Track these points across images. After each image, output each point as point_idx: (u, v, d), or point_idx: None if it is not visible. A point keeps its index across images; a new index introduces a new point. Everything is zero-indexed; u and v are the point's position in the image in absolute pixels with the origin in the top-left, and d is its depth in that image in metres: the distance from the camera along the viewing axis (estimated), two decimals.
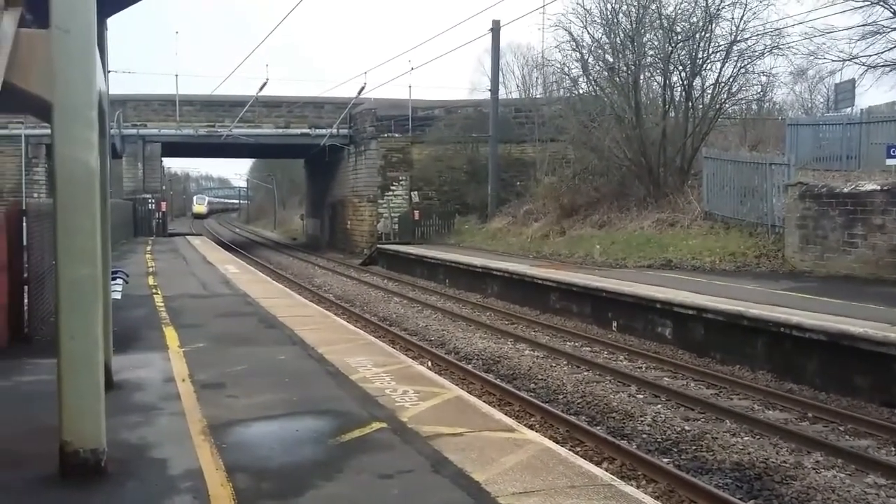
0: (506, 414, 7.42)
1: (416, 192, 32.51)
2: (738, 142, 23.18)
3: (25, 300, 9.13)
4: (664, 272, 17.08)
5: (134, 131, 34.12)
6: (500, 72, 30.20)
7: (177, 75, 71.85)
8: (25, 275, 9.16)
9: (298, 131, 35.31)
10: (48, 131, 4.87)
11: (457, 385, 8.55)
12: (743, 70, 21.35)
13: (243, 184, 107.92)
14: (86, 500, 4.36)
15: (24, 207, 9.33)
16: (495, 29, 28.81)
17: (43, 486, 4.53)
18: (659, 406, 9.24)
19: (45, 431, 5.21)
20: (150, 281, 16.22)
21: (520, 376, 11.00)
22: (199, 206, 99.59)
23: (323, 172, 40.21)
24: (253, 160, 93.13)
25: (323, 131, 35.00)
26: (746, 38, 21.04)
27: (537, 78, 34.46)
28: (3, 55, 4.35)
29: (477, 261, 21.10)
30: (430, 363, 11.61)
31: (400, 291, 21.16)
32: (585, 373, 11.08)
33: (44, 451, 4.90)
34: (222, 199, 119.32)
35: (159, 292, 14.21)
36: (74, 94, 4.70)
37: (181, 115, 34.47)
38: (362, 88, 32.57)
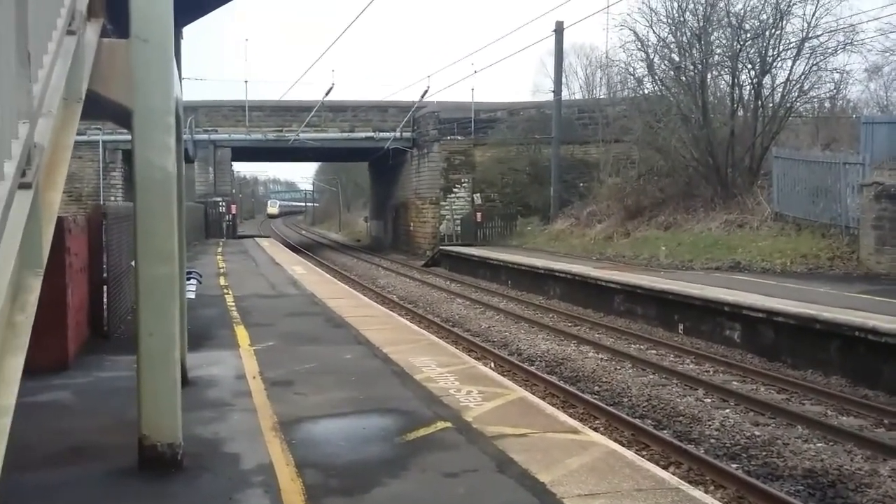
0: (570, 416, 7.35)
1: (478, 194, 32.56)
2: (809, 141, 22.56)
3: (105, 299, 9.32)
4: (732, 274, 16.73)
5: (205, 136, 35.06)
6: (563, 73, 30.18)
7: (246, 81, 73.83)
8: (105, 275, 9.41)
9: (363, 135, 35.70)
10: (124, 137, 5.04)
11: (520, 386, 8.49)
12: (815, 67, 20.92)
13: (309, 187, 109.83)
14: (164, 491, 4.45)
15: (103, 211, 9.62)
16: (558, 30, 28.63)
17: (123, 478, 4.63)
18: (727, 410, 9.05)
19: (125, 425, 5.35)
20: (222, 281, 16.52)
21: (584, 379, 10.91)
22: (272, 208, 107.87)
23: (386, 175, 40.54)
24: (319, 164, 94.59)
25: (387, 134, 35.32)
26: (818, 35, 20.59)
27: (601, 78, 34.51)
28: (87, 65, 4.54)
29: (539, 262, 21.03)
30: (493, 364, 11.58)
31: (462, 293, 21.23)
32: (651, 376, 10.93)
33: (123, 443, 5.03)
34: (289, 202, 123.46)
35: (230, 292, 14.46)
36: (153, 101, 4.86)
37: (250, 121, 35.25)
38: (425, 92, 32.98)
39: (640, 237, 22.88)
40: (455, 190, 32.70)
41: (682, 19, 22.34)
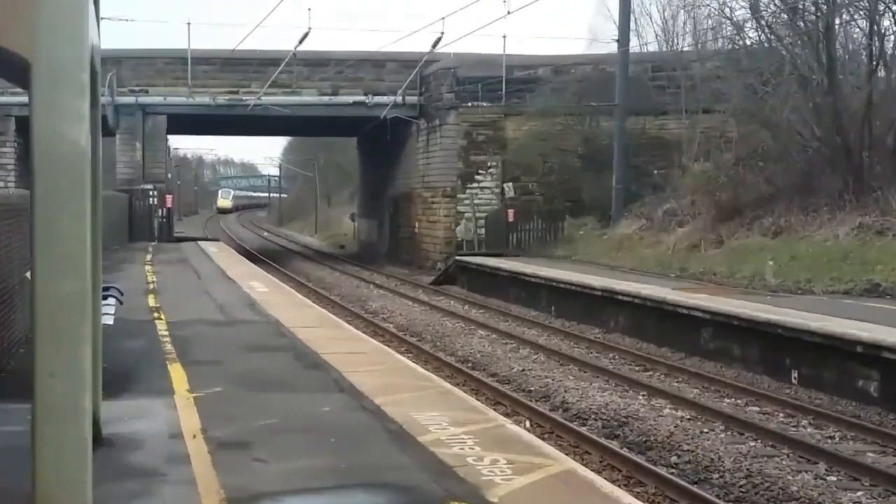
0: (636, 497, 7.31)
1: (510, 184, 32.70)
2: None
3: None
4: (869, 301, 16.72)
5: (132, 100, 35.39)
6: (632, 16, 30.38)
7: (189, 24, 74.16)
8: None
9: (350, 99, 35.94)
10: (19, 99, 5.07)
11: (566, 454, 8.54)
12: None
13: (275, 171, 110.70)
14: None
15: None
16: None
17: None
18: (860, 493, 9.02)
19: (12, 501, 5.33)
20: (151, 301, 16.68)
21: (656, 445, 10.98)
22: (224, 201, 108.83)
23: (382, 156, 40.66)
24: (289, 139, 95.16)
25: (384, 99, 35.56)
26: None
27: (685, 24, 34.44)
28: None
29: (595, 280, 21.10)
30: (528, 423, 11.64)
31: (487, 322, 21.33)
32: (752, 443, 10.98)
33: None
34: (248, 193, 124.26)
35: (163, 317, 14.57)
36: (60, 49, 4.81)
37: (194, 78, 35.64)
38: (438, 40, 32.86)
39: (737, 246, 22.84)
40: (478, 178, 32.84)
41: None
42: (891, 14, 21.50)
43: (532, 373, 15.34)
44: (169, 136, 39.60)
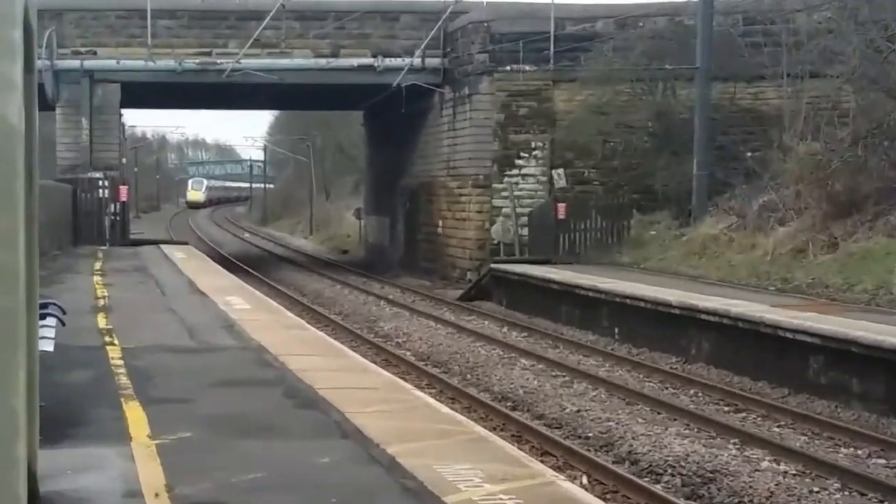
0: None
1: (560, 171, 32.75)
2: None
3: None
4: None
5: (76, 63, 35.60)
6: None
7: None
8: None
9: (354, 62, 36.08)
10: None
11: None
12: None
13: (259, 155, 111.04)
14: None
15: None
16: None
17: None
18: None
19: None
20: (102, 322, 16.76)
21: None
22: (196, 193, 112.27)
23: (396, 135, 40.75)
24: (276, 114, 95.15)
25: (397, 62, 35.68)
26: None
27: None
28: None
29: (671, 295, 21.15)
30: (585, 478, 11.60)
31: (532, 348, 21.40)
32: None
33: None
34: (224, 183, 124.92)
35: (116, 342, 14.60)
36: None
37: (155, 36, 35.80)
38: None
39: (856, 251, 22.64)
40: (519, 162, 32.92)
41: None
42: None
43: (590, 414, 15.28)
44: (123, 111, 39.62)
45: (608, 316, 23.26)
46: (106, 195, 36.01)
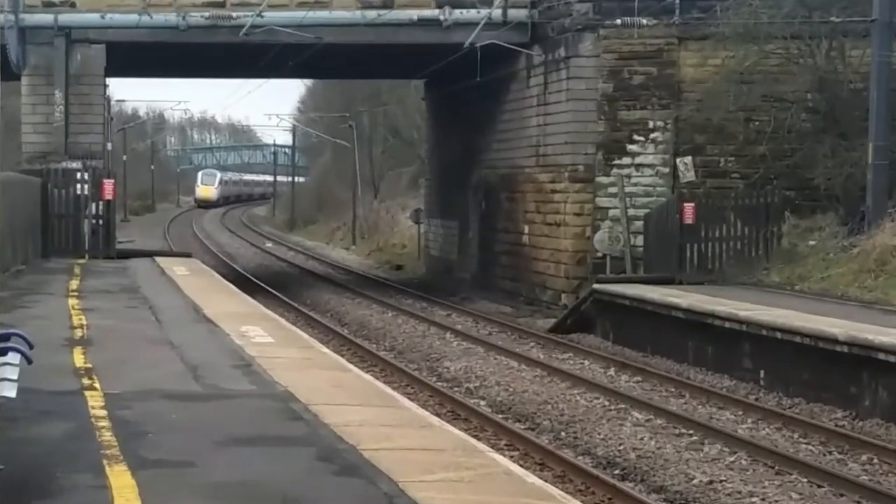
0: None
1: (688, 160, 32.75)
2: None
3: None
4: None
5: (48, 18, 35.81)
6: None
7: None
8: None
9: (414, 15, 36.24)
10: None
11: None
12: None
13: (285, 139, 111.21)
14: None
15: None
16: None
17: None
18: None
19: None
20: (78, 359, 16.66)
21: None
22: (207, 188, 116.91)
23: (467, 113, 40.74)
24: (308, 85, 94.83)
25: (470, 15, 35.72)
26: None
27: None
28: None
29: (836, 326, 20.91)
30: None
31: (648, 397, 21.51)
32: None
33: None
34: (241, 176, 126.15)
35: (98, 385, 14.54)
36: None
37: None
38: None
39: None
40: (632, 148, 32.94)
41: None
42: None
43: (726, 487, 15.16)
44: (109, 80, 40.35)
45: (751, 355, 23.13)
46: (86, 192, 35.81)
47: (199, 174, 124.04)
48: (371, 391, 15.24)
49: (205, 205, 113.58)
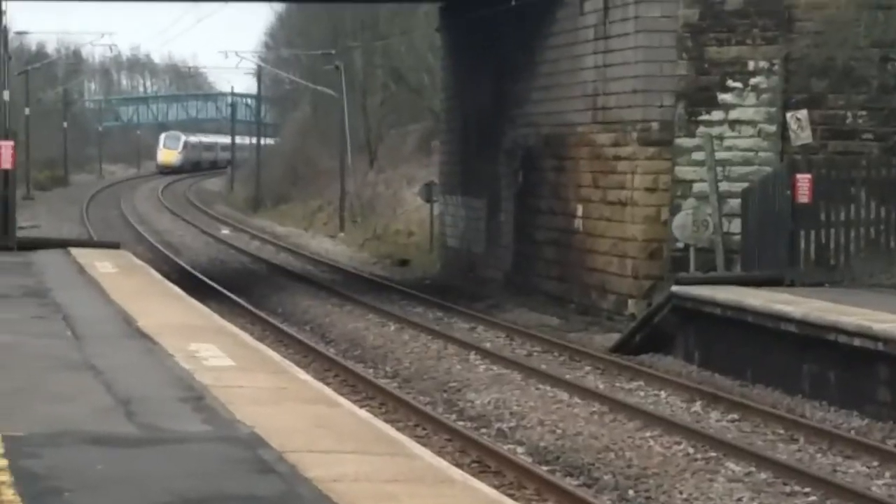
0: None
1: (801, 115, 30.48)
2: None
3: None
4: None
5: None
6: None
7: None
8: None
9: None
10: None
11: None
12: None
13: (247, 85, 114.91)
14: None
15: None
16: None
17: None
18: None
19: None
20: None
21: None
22: (169, 152, 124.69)
23: (498, 50, 39.94)
24: (279, 10, 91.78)
25: None
26: None
27: None
28: None
29: None
30: None
31: (746, 443, 20.94)
32: None
33: None
34: (210, 139, 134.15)
35: None
36: None
37: None
38: None
39: None
40: (726, 98, 31.49)
41: None
42: None
43: None
44: (6, 3, 39.27)
45: (890, 383, 22.15)
46: None
47: (162, 137, 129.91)
48: (368, 433, 14.41)
49: (167, 171, 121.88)
